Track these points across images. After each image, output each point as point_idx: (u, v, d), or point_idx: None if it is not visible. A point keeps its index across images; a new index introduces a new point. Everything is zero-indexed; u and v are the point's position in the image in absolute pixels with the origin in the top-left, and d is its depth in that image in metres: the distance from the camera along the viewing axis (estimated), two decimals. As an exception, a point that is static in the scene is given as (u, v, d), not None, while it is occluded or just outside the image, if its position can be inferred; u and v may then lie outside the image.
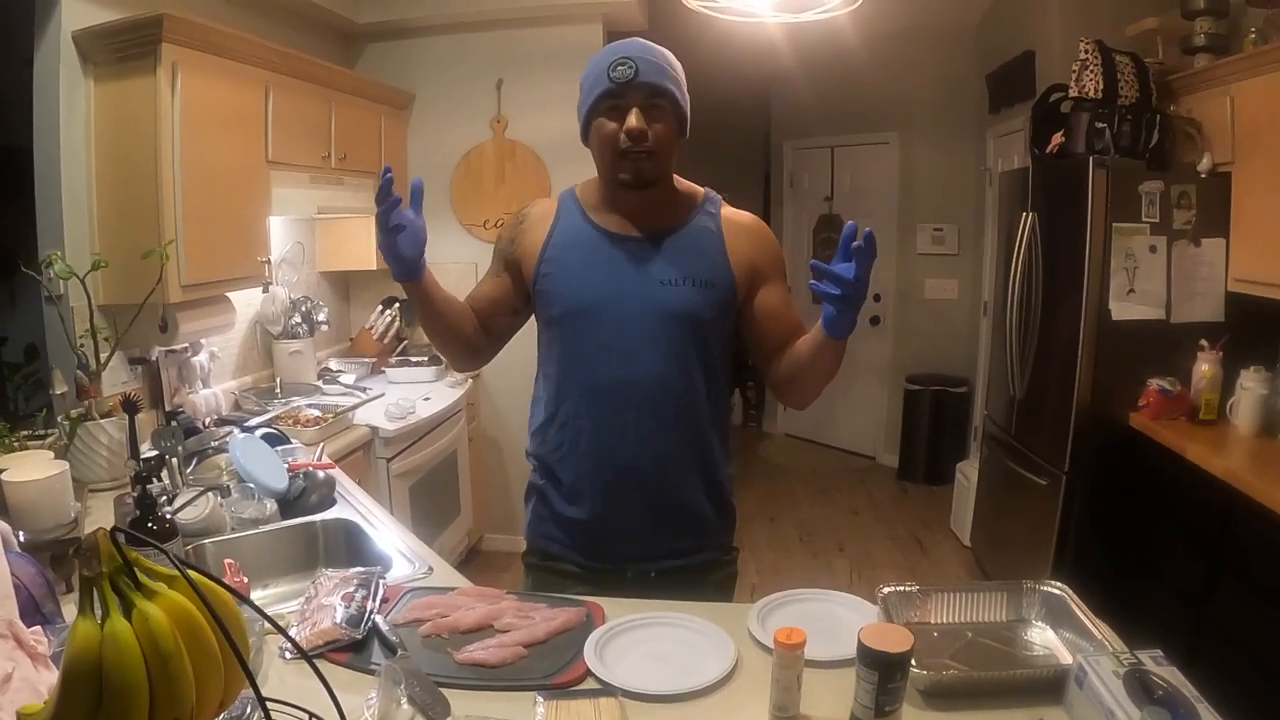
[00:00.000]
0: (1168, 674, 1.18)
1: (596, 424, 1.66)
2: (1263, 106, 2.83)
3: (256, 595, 1.81)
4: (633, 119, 1.53)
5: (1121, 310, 3.16)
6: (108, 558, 0.78)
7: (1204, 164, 3.10)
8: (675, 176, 1.71)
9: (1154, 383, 3.13)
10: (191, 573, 0.77)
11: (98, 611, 0.78)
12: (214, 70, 2.76)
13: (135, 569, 0.80)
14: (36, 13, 2.57)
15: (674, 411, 1.64)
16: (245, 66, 2.93)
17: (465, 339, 1.73)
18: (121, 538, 0.80)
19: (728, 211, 1.72)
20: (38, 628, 1.22)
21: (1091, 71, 3.25)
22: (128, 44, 2.58)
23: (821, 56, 5.41)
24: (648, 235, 1.65)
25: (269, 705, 1.03)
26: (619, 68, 1.53)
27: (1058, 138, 3.42)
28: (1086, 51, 3.28)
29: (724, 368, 1.72)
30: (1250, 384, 2.91)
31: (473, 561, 4.34)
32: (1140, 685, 1.15)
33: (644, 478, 1.66)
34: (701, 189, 1.74)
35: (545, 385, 1.74)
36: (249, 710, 1.04)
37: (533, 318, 1.79)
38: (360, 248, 4.06)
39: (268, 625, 1.46)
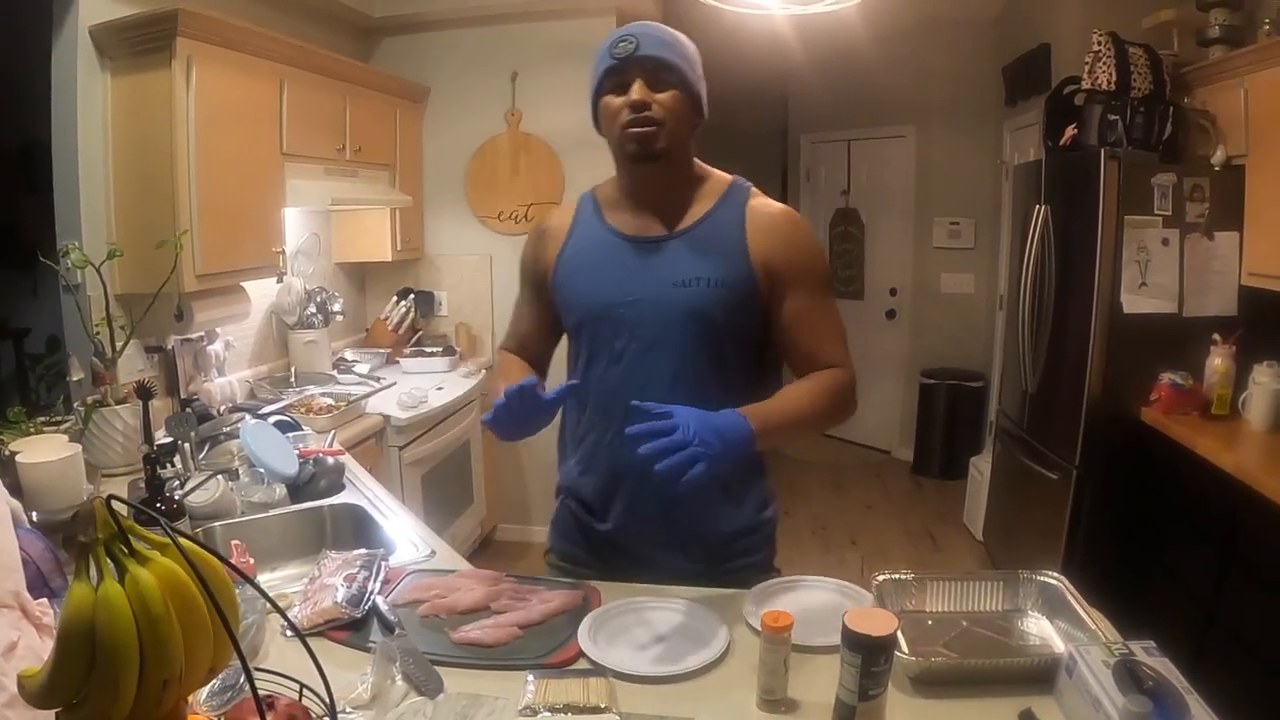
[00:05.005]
0: (1158, 664, 1.18)
1: (614, 436, 1.59)
2: (1277, 98, 2.80)
3: (264, 577, 1.84)
4: (635, 91, 1.49)
5: (1133, 304, 3.15)
6: (103, 525, 0.81)
7: (1218, 156, 3.08)
8: (700, 164, 1.65)
9: (1166, 377, 3.10)
10: (182, 540, 0.80)
11: (93, 576, 0.80)
12: (229, 64, 2.80)
13: (130, 536, 0.82)
14: (54, 8, 2.62)
15: None
16: (260, 60, 2.96)
17: None
18: (118, 506, 0.82)
19: (756, 202, 1.61)
20: (44, 600, 1.26)
21: (1104, 63, 3.23)
22: (143, 38, 2.62)
23: (837, 50, 5.40)
24: (664, 232, 1.59)
25: (264, 675, 1.07)
26: (620, 44, 1.50)
27: (1070, 130, 3.41)
28: (1099, 43, 3.26)
29: (752, 373, 1.62)
30: (1263, 379, 2.88)
31: (486, 551, 4.38)
32: (1129, 675, 1.15)
33: (664, 496, 1.52)
34: (730, 177, 1.66)
35: (574, 396, 1.66)
36: (243, 679, 1.07)
37: None
38: (376, 239, 4.11)
39: (269, 604, 1.50)
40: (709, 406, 1.42)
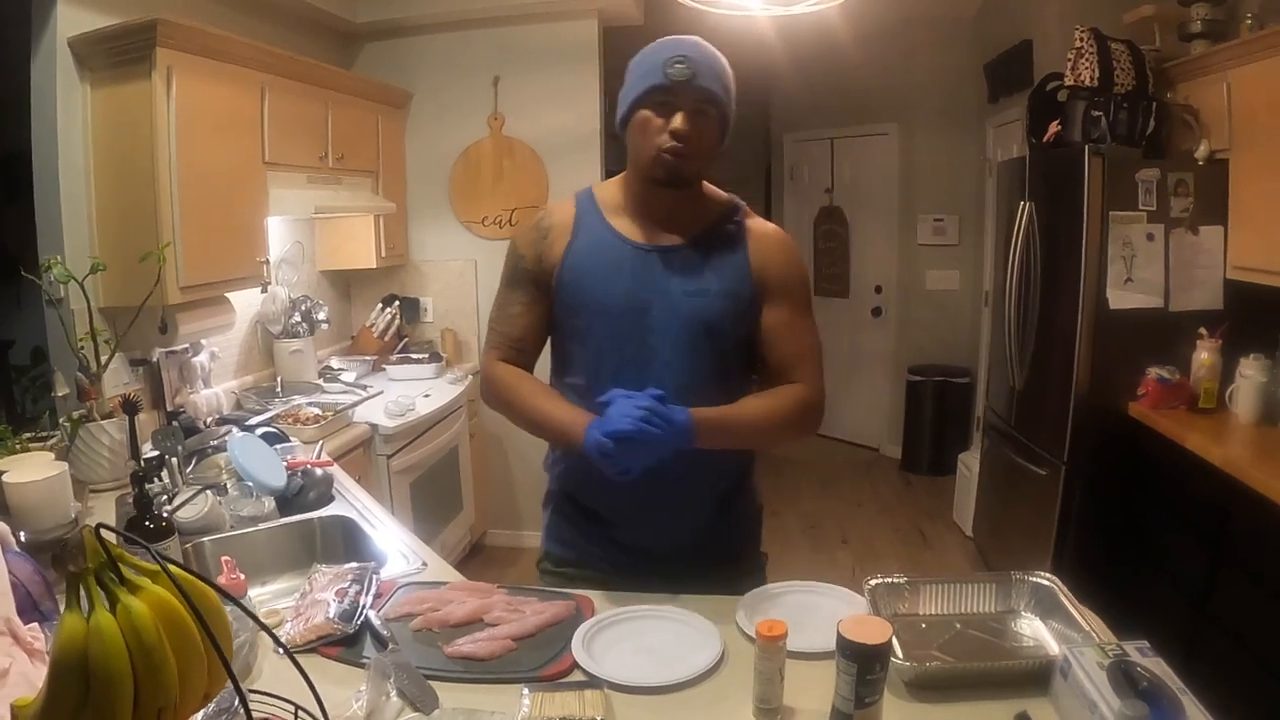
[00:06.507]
0: (1152, 665, 1.19)
1: None
2: (1260, 92, 2.82)
3: (255, 592, 1.83)
4: (679, 120, 1.50)
5: (1119, 299, 3.16)
6: (93, 554, 0.80)
7: (1201, 151, 3.09)
8: (704, 182, 1.68)
9: (1153, 371, 3.12)
10: (172, 568, 0.79)
11: (84, 606, 0.79)
12: (209, 73, 2.78)
13: (120, 564, 0.81)
14: (33, 19, 2.59)
15: None
16: (240, 69, 2.94)
17: None
18: (107, 534, 0.81)
19: (754, 221, 1.68)
20: (35, 625, 1.25)
21: (1087, 60, 3.24)
22: (123, 49, 2.60)
23: (820, 48, 5.41)
24: (671, 243, 1.61)
25: (257, 698, 1.06)
26: (676, 65, 1.49)
27: (1054, 127, 3.42)
28: (1082, 40, 3.27)
29: (746, 379, 1.69)
30: (1250, 372, 2.90)
31: (476, 557, 4.36)
32: (1124, 676, 1.16)
33: (665, 499, 1.61)
34: (728, 196, 1.70)
35: (565, 396, 1.65)
36: (236, 701, 1.06)
37: None
38: (360, 246, 4.08)
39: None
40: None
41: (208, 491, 2.04)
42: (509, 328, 1.69)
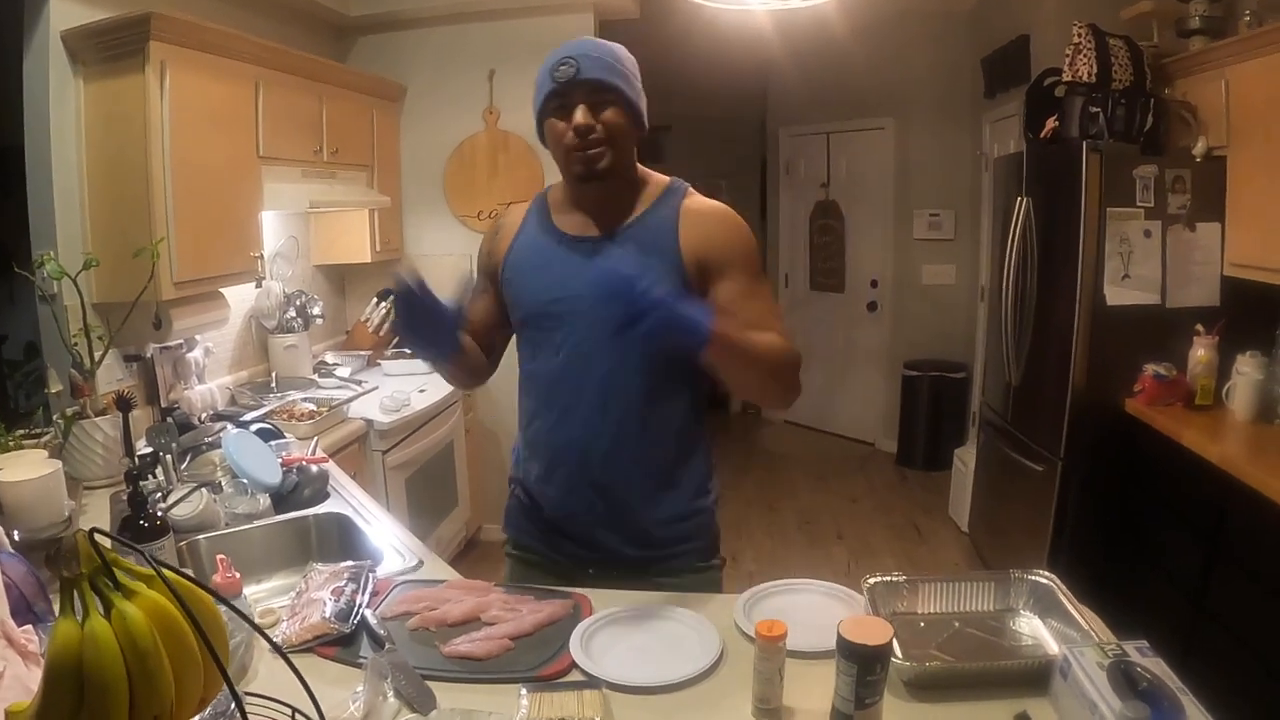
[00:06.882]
0: (1152, 665, 1.19)
1: (553, 424, 1.70)
2: (1258, 89, 2.82)
3: (250, 590, 1.81)
4: (579, 115, 1.54)
5: (1116, 295, 3.16)
6: (87, 558, 0.79)
7: (1199, 148, 3.09)
8: (641, 168, 1.70)
9: (1149, 368, 3.12)
10: (167, 572, 0.78)
11: (78, 611, 0.78)
12: (203, 67, 2.76)
13: (115, 569, 0.80)
14: (25, 12, 2.57)
15: (624, 412, 1.63)
16: (234, 63, 2.93)
17: (471, 368, 1.76)
18: (100, 538, 0.80)
19: (691, 201, 1.67)
20: (29, 626, 1.23)
21: (1085, 55, 3.24)
22: (116, 43, 2.58)
23: (816, 43, 5.40)
24: (605, 233, 1.64)
25: (253, 700, 1.05)
26: (561, 67, 1.54)
27: (1051, 122, 3.41)
28: (1079, 35, 3.27)
29: (684, 367, 1.60)
30: (1246, 369, 2.89)
31: (470, 552, 4.35)
32: (1124, 677, 1.15)
33: (597, 479, 1.66)
34: (668, 179, 1.72)
35: (520, 386, 1.78)
36: (233, 706, 1.05)
37: None
38: (355, 241, 4.07)
39: (258, 620, 1.48)
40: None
41: (203, 489, 2.03)
42: (471, 314, 1.79)
